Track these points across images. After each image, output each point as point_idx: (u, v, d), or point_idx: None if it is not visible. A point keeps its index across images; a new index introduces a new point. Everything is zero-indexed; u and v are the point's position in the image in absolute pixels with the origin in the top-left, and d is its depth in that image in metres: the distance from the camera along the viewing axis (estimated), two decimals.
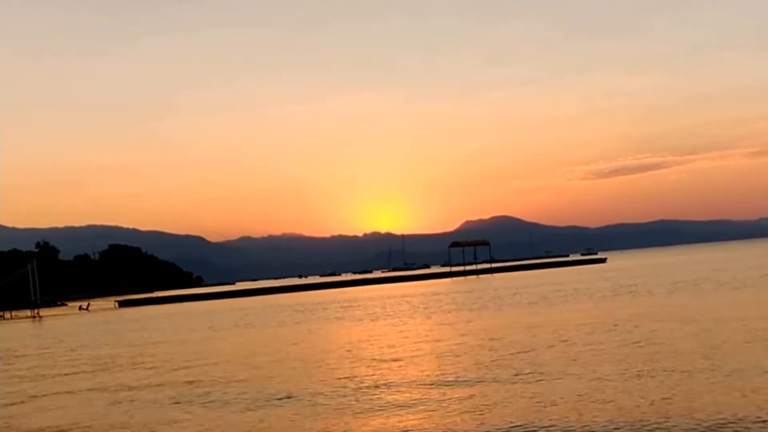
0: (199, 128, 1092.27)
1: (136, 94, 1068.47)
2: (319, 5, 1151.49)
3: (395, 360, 22.89)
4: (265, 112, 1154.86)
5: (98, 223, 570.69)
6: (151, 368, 26.39)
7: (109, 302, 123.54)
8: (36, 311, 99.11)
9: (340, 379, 19.84)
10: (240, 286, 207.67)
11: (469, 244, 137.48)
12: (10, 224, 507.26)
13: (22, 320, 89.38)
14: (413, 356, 23.41)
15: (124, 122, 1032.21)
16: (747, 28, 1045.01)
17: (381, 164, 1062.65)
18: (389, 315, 44.77)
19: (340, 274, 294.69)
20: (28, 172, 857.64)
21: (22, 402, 21.11)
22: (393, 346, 26.71)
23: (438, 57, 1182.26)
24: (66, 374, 27.19)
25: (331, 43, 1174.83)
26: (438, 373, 19.55)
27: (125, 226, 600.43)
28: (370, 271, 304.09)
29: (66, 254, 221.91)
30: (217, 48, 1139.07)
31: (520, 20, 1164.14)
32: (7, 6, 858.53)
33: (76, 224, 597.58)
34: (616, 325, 27.68)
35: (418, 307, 50.21)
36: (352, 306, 59.05)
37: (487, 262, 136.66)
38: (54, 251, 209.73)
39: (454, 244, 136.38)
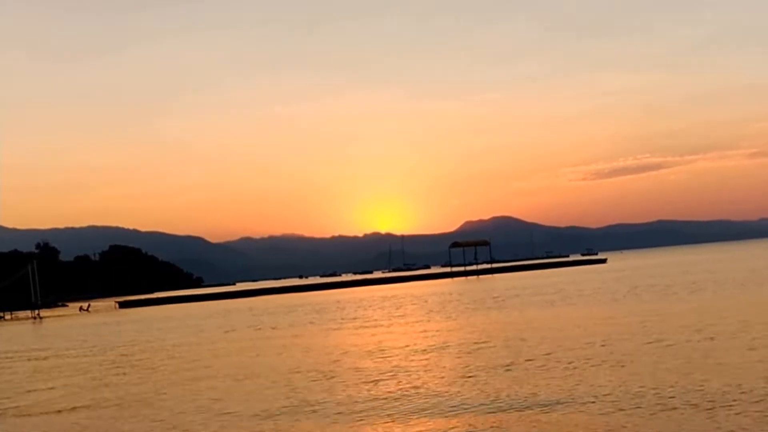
0: (200, 129, 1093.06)
1: (136, 95, 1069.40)
2: (318, 5, 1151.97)
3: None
4: (265, 112, 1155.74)
5: (99, 223, 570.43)
6: None
7: (110, 303, 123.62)
8: (36, 312, 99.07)
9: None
10: (241, 286, 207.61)
11: (469, 244, 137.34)
12: (10, 225, 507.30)
13: (23, 321, 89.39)
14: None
15: (124, 123, 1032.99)
16: (748, 27, 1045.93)
17: (381, 164, 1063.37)
18: (415, 316, 43.57)
19: (340, 275, 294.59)
20: (29, 172, 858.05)
21: None
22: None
23: (438, 56, 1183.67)
24: None
25: (331, 43, 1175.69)
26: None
27: (126, 226, 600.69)
28: (371, 272, 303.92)
29: (66, 255, 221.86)
30: (216, 48, 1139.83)
31: (520, 19, 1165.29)
32: (8, 6, 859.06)
33: (77, 225, 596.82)
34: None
35: (433, 307, 49.26)
36: (363, 306, 58.23)
37: (488, 262, 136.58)
38: (54, 252, 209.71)
39: (455, 245, 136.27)
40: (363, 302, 64.81)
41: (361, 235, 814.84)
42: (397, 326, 36.66)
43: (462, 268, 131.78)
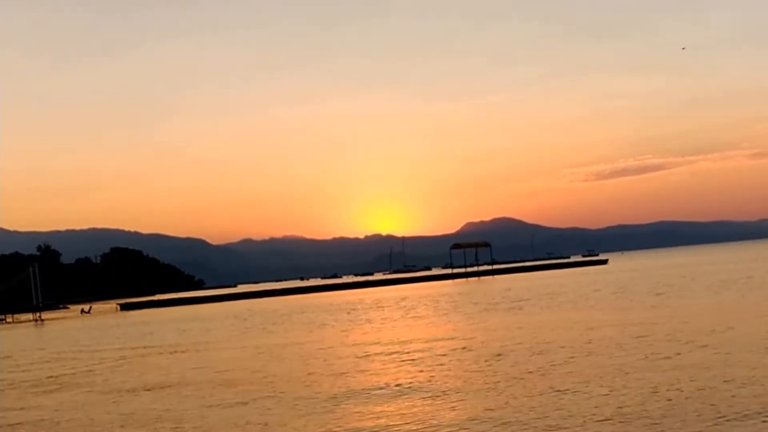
0: (201, 131, 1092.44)
1: (137, 97, 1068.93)
2: (317, 6, 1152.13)
3: None
4: (266, 114, 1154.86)
5: (99, 226, 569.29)
6: None
7: (111, 305, 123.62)
8: (38, 314, 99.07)
9: None
10: (242, 288, 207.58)
11: (470, 245, 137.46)
12: (11, 227, 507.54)
13: (24, 323, 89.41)
14: None
15: (125, 125, 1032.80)
16: (749, 29, 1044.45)
17: (382, 166, 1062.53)
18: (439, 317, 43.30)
19: (341, 277, 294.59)
20: (30, 175, 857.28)
21: None
22: None
23: (439, 58, 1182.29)
24: None
25: (331, 45, 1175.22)
26: None
27: (127, 229, 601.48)
28: (371, 274, 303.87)
29: (67, 257, 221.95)
30: (217, 50, 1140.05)
31: (521, 21, 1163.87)
32: (7, 8, 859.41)
33: (78, 227, 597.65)
34: None
35: (447, 308, 48.38)
36: (376, 307, 57.33)
37: (489, 263, 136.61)
38: (55, 254, 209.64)
39: (456, 246, 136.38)
40: (376, 304, 63.64)
41: (361, 236, 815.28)
42: (422, 328, 36.36)
43: (463, 270, 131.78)
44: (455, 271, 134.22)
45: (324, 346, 30.75)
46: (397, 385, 18.76)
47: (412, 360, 23.61)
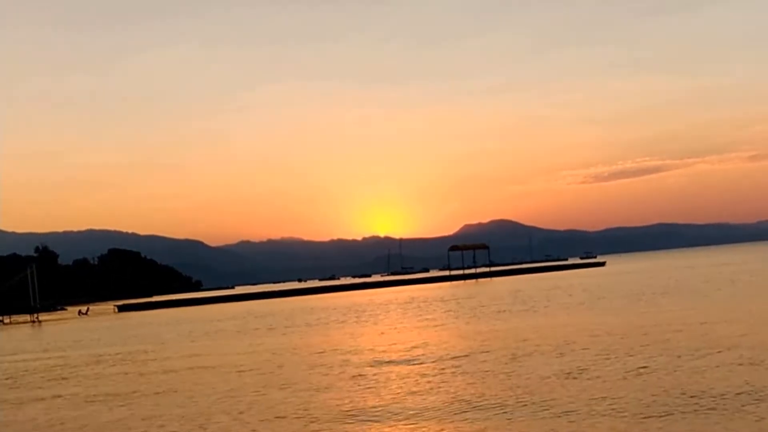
0: (198, 132, 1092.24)
1: (133, 100, 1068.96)
2: (316, 8, 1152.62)
3: None
4: (263, 116, 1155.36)
5: (97, 227, 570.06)
6: None
7: (109, 307, 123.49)
8: (35, 316, 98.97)
9: None
10: (240, 290, 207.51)
11: (468, 247, 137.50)
12: (9, 229, 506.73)
13: (22, 325, 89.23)
14: None
15: (123, 127, 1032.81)
16: (747, 30, 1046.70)
17: (380, 168, 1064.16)
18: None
19: (339, 278, 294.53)
20: (27, 176, 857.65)
21: None
22: None
23: (436, 59, 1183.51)
24: None
25: (329, 48, 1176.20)
26: None
27: (124, 230, 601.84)
28: (369, 275, 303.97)
29: (65, 259, 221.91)
30: (216, 52, 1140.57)
31: (519, 22, 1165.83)
32: (9, 10, 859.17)
33: (75, 229, 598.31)
34: None
35: (460, 311, 46.75)
36: (387, 310, 55.72)
37: (486, 265, 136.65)
38: (53, 256, 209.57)
39: (453, 248, 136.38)
40: (383, 306, 61.98)
41: (360, 238, 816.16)
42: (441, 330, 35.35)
43: (461, 272, 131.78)
44: (453, 272, 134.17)
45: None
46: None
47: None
